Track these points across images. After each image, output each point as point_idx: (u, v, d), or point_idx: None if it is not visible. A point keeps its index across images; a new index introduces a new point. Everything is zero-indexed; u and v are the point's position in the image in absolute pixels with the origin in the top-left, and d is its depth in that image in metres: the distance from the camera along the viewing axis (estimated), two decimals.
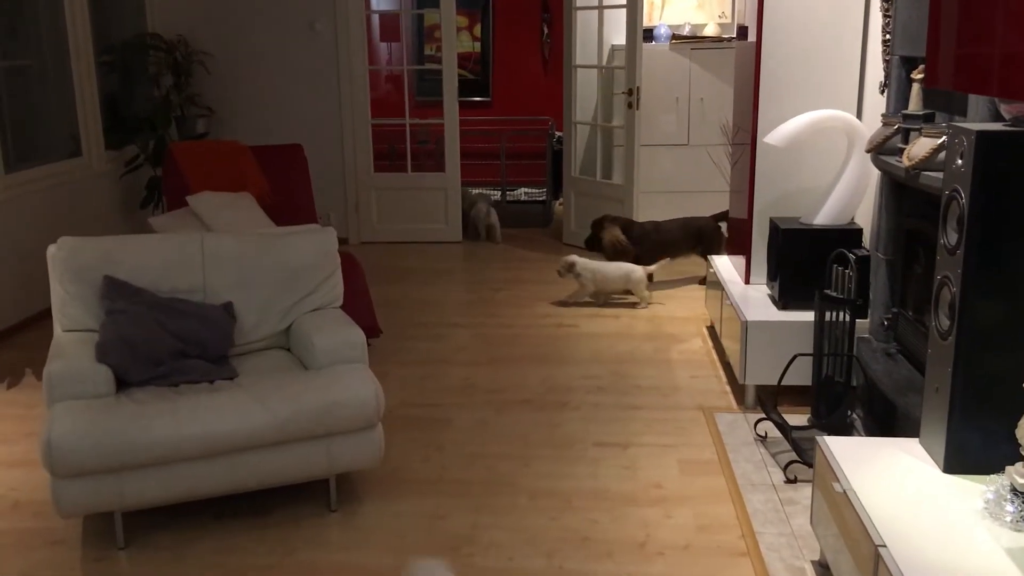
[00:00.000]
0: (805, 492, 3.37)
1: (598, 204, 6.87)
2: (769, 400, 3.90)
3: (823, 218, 4.30)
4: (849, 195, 4.29)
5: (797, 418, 3.88)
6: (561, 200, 7.88)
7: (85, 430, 2.93)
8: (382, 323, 5.16)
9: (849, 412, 3.71)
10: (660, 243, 6.03)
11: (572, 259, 5.78)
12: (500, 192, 8.95)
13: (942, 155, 2.88)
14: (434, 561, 2.64)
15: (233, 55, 7.41)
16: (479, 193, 8.09)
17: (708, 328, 5.36)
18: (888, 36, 3.94)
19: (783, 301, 4.29)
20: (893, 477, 2.56)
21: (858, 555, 2.37)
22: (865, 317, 3.94)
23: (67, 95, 6.21)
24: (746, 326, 4.14)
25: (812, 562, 2.95)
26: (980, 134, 2.38)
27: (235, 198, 4.95)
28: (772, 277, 4.42)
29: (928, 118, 3.29)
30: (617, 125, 7.14)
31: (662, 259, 5.96)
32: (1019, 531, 2.26)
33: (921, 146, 3.07)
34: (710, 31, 7.27)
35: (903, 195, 3.67)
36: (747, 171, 4.70)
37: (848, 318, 3.71)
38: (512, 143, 9.24)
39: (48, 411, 3.06)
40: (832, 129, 4.33)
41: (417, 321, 5.58)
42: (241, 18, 7.37)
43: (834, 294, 3.80)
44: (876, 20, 4.26)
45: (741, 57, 4.99)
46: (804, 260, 4.22)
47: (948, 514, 2.36)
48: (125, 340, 3.28)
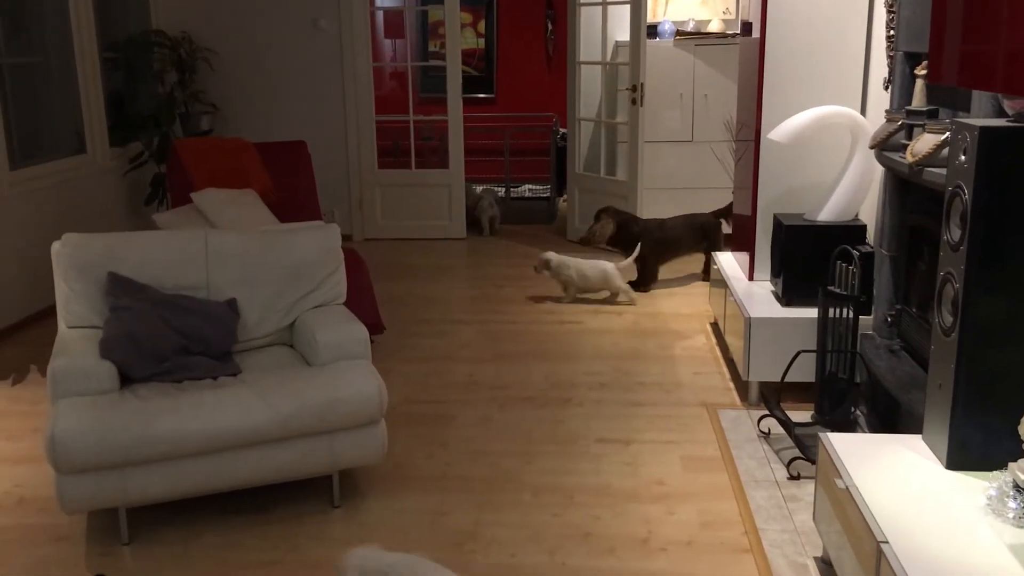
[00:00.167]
0: (808, 489, 3.37)
1: (602, 200, 6.85)
2: (772, 396, 3.89)
3: (827, 214, 4.30)
4: (853, 191, 4.28)
5: (800, 415, 3.88)
6: (565, 197, 7.88)
7: (89, 426, 2.94)
8: (386, 319, 5.17)
9: (852, 408, 3.71)
10: (664, 241, 6.02)
11: (548, 256, 5.79)
12: (504, 189, 8.95)
13: (945, 151, 2.88)
14: (369, 549, 2.65)
15: (237, 52, 7.42)
16: (485, 189, 8.09)
17: (712, 325, 5.35)
18: (892, 32, 3.93)
19: (787, 297, 4.28)
20: (896, 473, 2.56)
21: (861, 551, 2.37)
22: (869, 314, 3.94)
23: (72, 92, 6.22)
24: (750, 322, 4.14)
25: (815, 558, 2.95)
26: (983, 130, 2.38)
27: (239, 195, 4.96)
28: (776, 273, 4.42)
29: (932, 114, 3.28)
30: (621, 121, 7.14)
31: (633, 254, 5.84)
32: (1022, 527, 2.26)
33: (925, 142, 3.07)
34: (714, 27, 7.25)
35: (907, 191, 3.67)
36: (751, 167, 4.69)
37: (852, 314, 3.70)
38: (516, 139, 9.23)
39: (52, 407, 3.07)
40: (836, 125, 4.32)
41: (421, 317, 5.58)
42: (245, 15, 7.37)
43: (838, 290, 3.79)
44: (880, 16, 4.25)
45: (745, 53, 4.99)
46: (808, 256, 4.21)
47: (951, 510, 2.36)
48: (129, 336, 3.29)
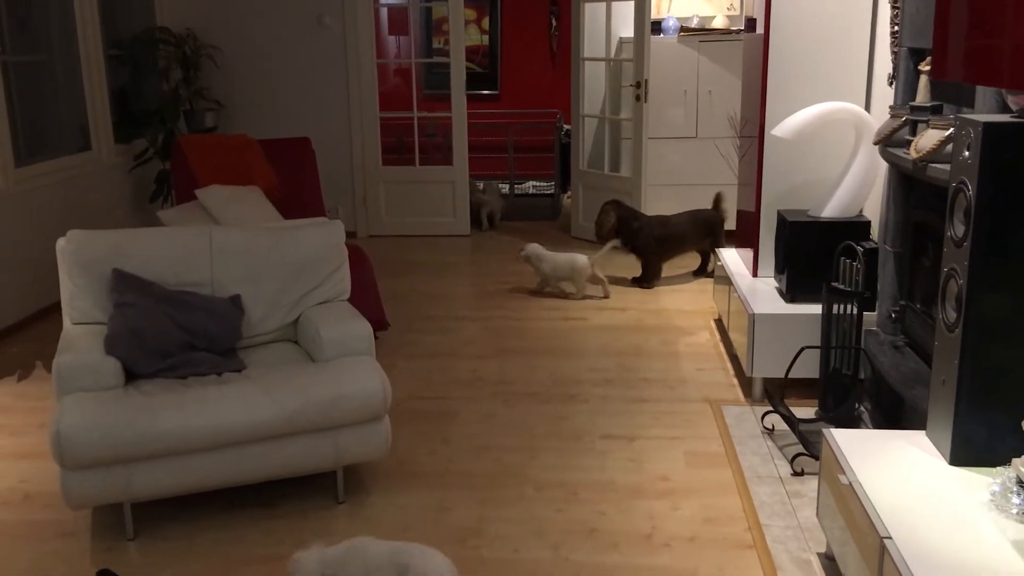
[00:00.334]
0: (812, 485, 3.37)
1: (606, 197, 6.83)
2: (776, 393, 3.89)
3: (831, 211, 4.29)
4: (857, 187, 4.28)
5: (804, 411, 3.89)
6: (569, 193, 7.87)
7: (94, 422, 2.95)
8: (390, 316, 5.17)
9: (856, 405, 3.71)
10: (669, 238, 6.01)
11: (528, 248, 5.87)
12: (508, 185, 8.95)
13: (949, 147, 2.87)
14: (313, 548, 2.69)
15: (242, 49, 7.42)
16: (487, 183, 8.10)
17: (716, 321, 5.35)
18: (896, 28, 3.93)
19: (791, 294, 4.28)
20: (899, 469, 2.56)
21: (864, 547, 2.37)
22: (873, 310, 3.93)
23: (77, 89, 6.23)
24: (753, 319, 4.14)
25: (818, 554, 2.95)
26: (987, 125, 2.37)
27: (243, 192, 4.97)
28: (780, 270, 4.41)
29: (936, 110, 3.28)
30: (625, 118, 7.13)
31: (605, 248, 5.91)
32: None
33: (928, 138, 3.06)
34: (718, 23, 7.24)
35: (911, 187, 3.66)
36: (755, 164, 4.69)
37: (856, 311, 3.70)
38: (520, 136, 9.24)
39: (57, 403, 3.08)
40: (840, 121, 4.31)
41: (425, 314, 5.59)
42: (249, 12, 7.38)
43: (842, 287, 3.79)
44: (884, 12, 4.24)
45: (749, 49, 4.98)
46: (812, 253, 4.21)
47: (954, 506, 2.36)
48: (134, 333, 3.30)
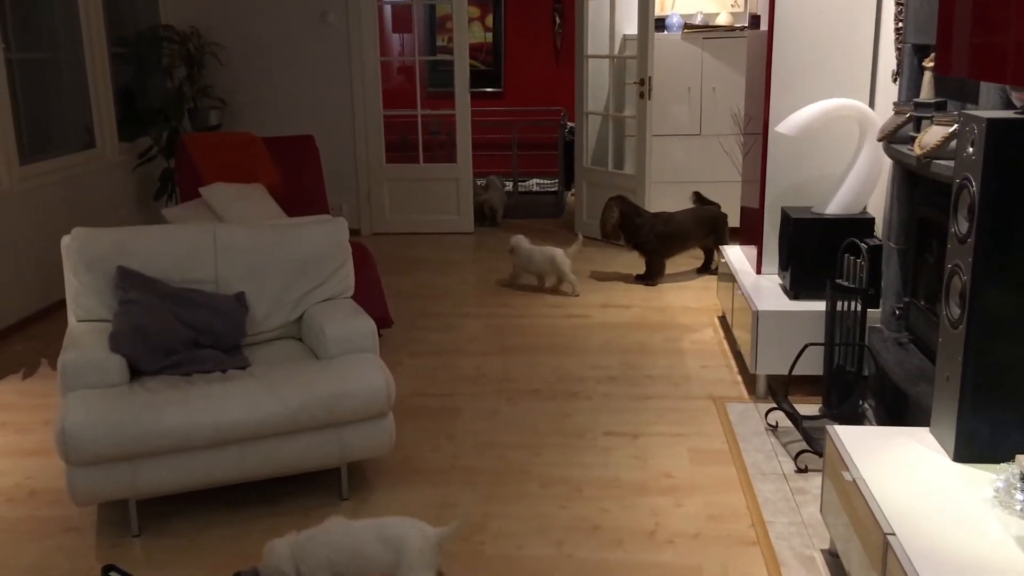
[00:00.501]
0: (815, 481, 3.37)
1: (610, 194, 6.84)
2: (780, 390, 3.90)
3: (835, 207, 4.29)
4: (861, 184, 4.27)
5: (808, 408, 3.89)
6: (573, 191, 7.87)
7: (99, 419, 2.96)
8: (394, 313, 5.18)
9: (860, 401, 3.71)
10: (672, 235, 6.01)
11: (512, 239, 5.97)
12: (512, 183, 8.95)
13: (953, 143, 2.87)
14: (287, 536, 2.71)
15: (245, 46, 7.43)
16: (489, 180, 8.10)
17: (719, 318, 5.35)
18: (900, 24, 3.92)
19: (794, 291, 4.28)
20: (903, 466, 2.56)
21: (868, 544, 2.37)
22: (877, 306, 3.93)
23: (81, 87, 6.25)
24: (757, 316, 4.14)
25: (822, 551, 2.95)
26: (991, 122, 2.37)
27: (247, 189, 4.97)
28: (784, 267, 4.41)
29: (940, 106, 3.27)
30: (629, 115, 7.13)
31: (576, 244, 5.97)
32: None
33: (932, 134, 3.06)
34: (722, 20, 7.24)
35: (915, 184, 3.66)
36: (759, 161, 4.69)
37: (860, 307, 3.70)
38: (524, 134, 9.24)
39: (62, 400, 3.09)
40: (844, 118, 4.31)
41: (428, 311, 5.59)
42: (253, 10, 7.38)
43: (846, 283, 3.79)
44: (888, 8, 4.23)
45: (753, 46, 4.98)
46: (816, 250, 4.21)
47: (958, 503, 2.36)
48: (138, 330, 3.31)
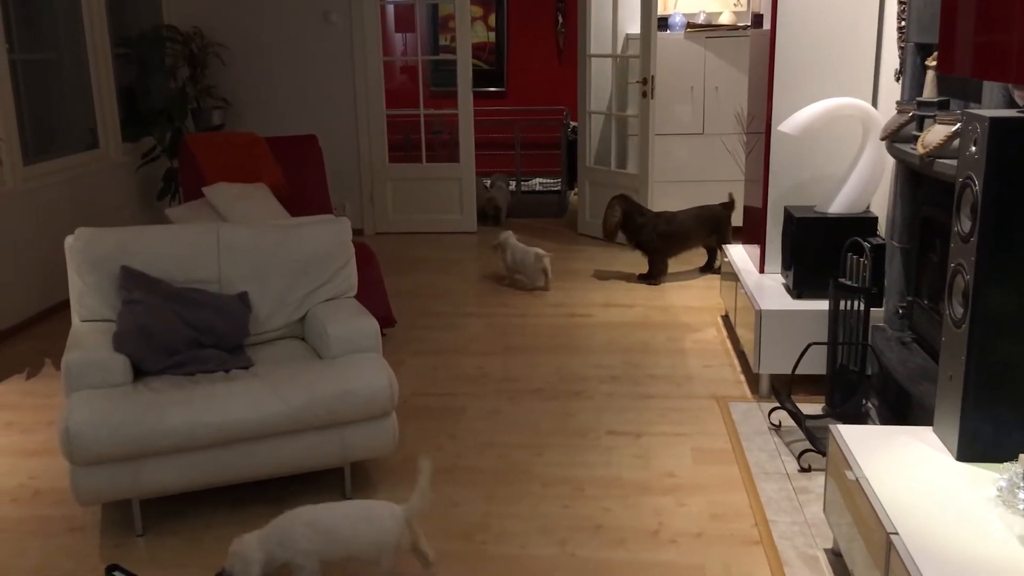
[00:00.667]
0: (818, 481, 3.37)
1: (613, 194, 6.84)
2: (783, 389, 3.89)
3: (838, 207, 4.29)
4: (864, 183, 4.27)
5: (811, 407, 3.88)
6: (576, 190, 7.87)
7: (103, 419, 2.96)
8: (396, 313, 5.18)
9: (863, 401, 3.70)
10: (674, 234, 6.01)
11: (501, 235, 6.06)
12: (515, 182, 8.96)
13: (956, 142, 2.87)
14: (256, 533, 2.73)
15: (248, 47, 7.44)
16: (494, 179, 8.10)
17: (722, 317, 5.35)
18: (903, 23, 3.92)
19: (798, 290, 4.27)
20: (906, 465, 2.56)
21: (871, 543, 2.37)
22: (880, 306, 3.93)
23: (84, 88, 6.26)
24: (760, 315, 4.14)
25: (825, 550, 2.95)
26: (993, 121, 2.37)
27: (250, 189, 4.98)
28: (787, 266, 4.41)
29: (943, 105, 3.27)
30: (632, 114, 7.13)
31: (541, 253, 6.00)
32: None
33: (935, 133, 3.05)
34: (725, 19, 7.23)
35: (918, 183, 3.65)
36: (762, 160, 4.69)
37: (863, 307, 3.70)
38: (527, 133, 9.24)
39: (66, 400, 3.10)
40: (847, 117, 4.31)
41: (431, 311, 5.60)
42: (256, 10, 7.39)
43: (849, 283, 3.78)
44: (891, 7, 4.23)
45: (756, 45, 4.97)
46: (819, 249, 4.21)
47: (961, 502, 2.36)
48: (142, 330, 3.31)
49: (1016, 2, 2.22)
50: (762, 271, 4.71)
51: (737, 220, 6.03)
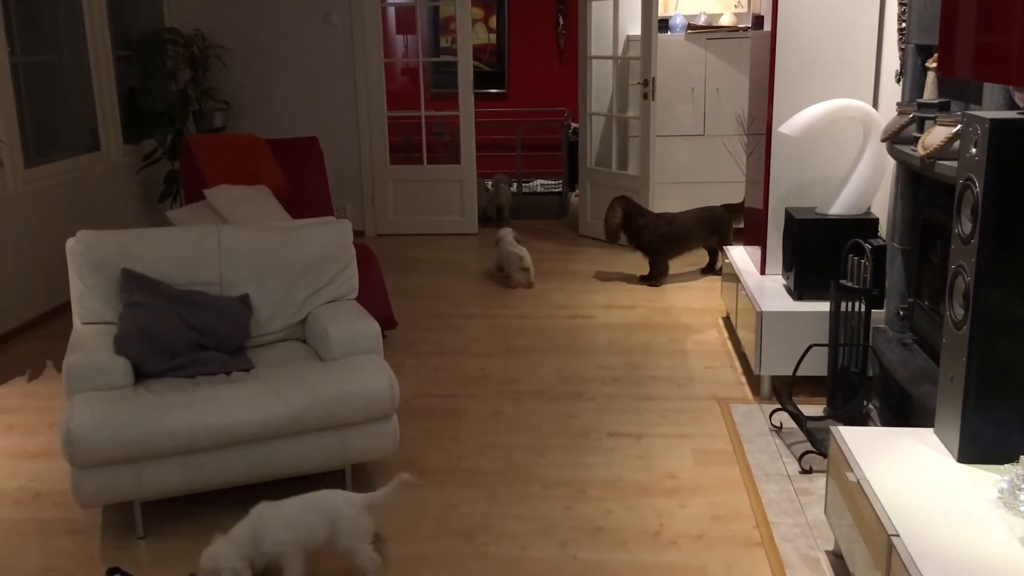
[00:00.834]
0: (820, 482, 3.37)
1: (614, 195, 6.84)
2: (784, 390, 3.89)
3: (839, 208, 4.29)
4: (865, 185, 4.27)
5: (812, 408, 3.89)
6: (577, 191, 7.88)
7: (104, 421, 2.97)
8: (397, 314, 5.18)
9: (864, 402, 3.70)
10: (675, 235, 6.01)
11: (500, 231, 6.21)
12: (516, 183, 8.96)
13: (957, 144, 2.87)
14: (218, 538, 2.77)
15: (249, 49, 7.45)
16: (495, 180, 8.11)
17: (724, 319, 5.35)
18: (903, 24, 3.92)
19: (799, 291, 4.27)
20: (907, 467, 2.56)
21: (872, 545, 2.37)
22: (881, 307, 3.93)
23: (85, 90, 6.26)
24: (761, 316, 4.14)
25: (826, 552, 2.95)
26: (994, 122, 2.37)
27: (252, 191, 4.98)
28: (788, 267, 4.41)
29: (943, 107, 3.27)
30: (633, 116, 7.13)
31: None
32: None
33: (936, 135, 3.05)
34: (726, 21, 7.23)
35: (919, 184, 3.65)
36: (763, 161, 4.69)
37: (864, 308, 3.69)
38: (528, 135, 9.24)
39: (67, 402, 3.10)
40: (848, 118, 4.31)
41: (432, 312, 5.60)
42: (257, 12, 7.40)
43: (850, 284, 3.78)
44: (892, 8, 4.23)
45: (756, 47, 4.97)
46: (820, 250, 4.21)
47: (962, 504, 2.36)
48: (143, 332, 3.32)
49: (1016, 4, 2.22)
50: (763, 272, 4.72)
51: (737, 221, 6.03)
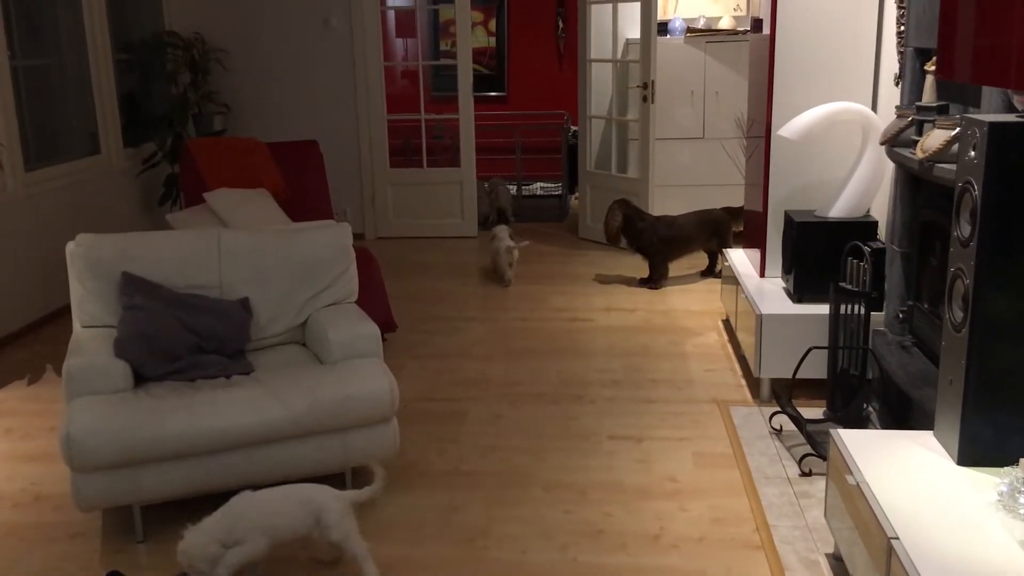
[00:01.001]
0: (819, 485, 3.37)
1: (614, 198, 6.85)
2: (784, 393, 3.89)
3: (838, 211, 4.29)
4: (864, 188, 4.27)
5: (812, 411, 3.89)
6: (577, 194, 7.88)
7: (103, 425, 2.97)
8: (398, 317, 5.19)
9: (864, 405, 3.70)
10: (674, 238, 6.01)
11: (496, 228, 6.28)
12: (516, 186, 8.96)
13: (955, 147, 2.87)
14: (191, 528, 2.77)
15: (249, 52, 7.45)
16: (492, 183, 8.11)
17: (723, 322, 5.35)
18: (902, 27, 3.92)
19: (798, 294, 4.28)
20: (907, 470, 2.56)
21: (872, 547, 2.37)
22: (880, 310, 3.93)
23: (86, 94, 6.27)
24: (761, 319, 4.14)
25: (826, 555, 2.95)
26: (992, 125, 2.37)
27: (252, 194, 4.99)
28: (787, 270, 4.41)
29: (942, 110, 3.27)
30: (632, 119, 7.13)
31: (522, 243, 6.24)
32: None
33: (935, 138, 3.06)
34: (725, 24, 7.24)
35: (918, 187, 3.66)
36: (762, 164, 4.69)
37: (863, 311, 3.70)
38: (527, 138, 9.24)
39: (67, 406, 3.10)
40: (847, 121, 4.31)
41: (432, 315, 5.60)
42: (257, 15, 7.41)
43: (849, 287, 3.78)
44: (890, 12, 4.23)
45: (756, 50, 4.98)
46: (819, 253, 4.21)
47: (962, 507, 2.36)
48: (143, 336, 3.32)
49: (1015, 7, 2.22)
50: (763, 275, 4.72)
51: (737, 225, 6.03)
